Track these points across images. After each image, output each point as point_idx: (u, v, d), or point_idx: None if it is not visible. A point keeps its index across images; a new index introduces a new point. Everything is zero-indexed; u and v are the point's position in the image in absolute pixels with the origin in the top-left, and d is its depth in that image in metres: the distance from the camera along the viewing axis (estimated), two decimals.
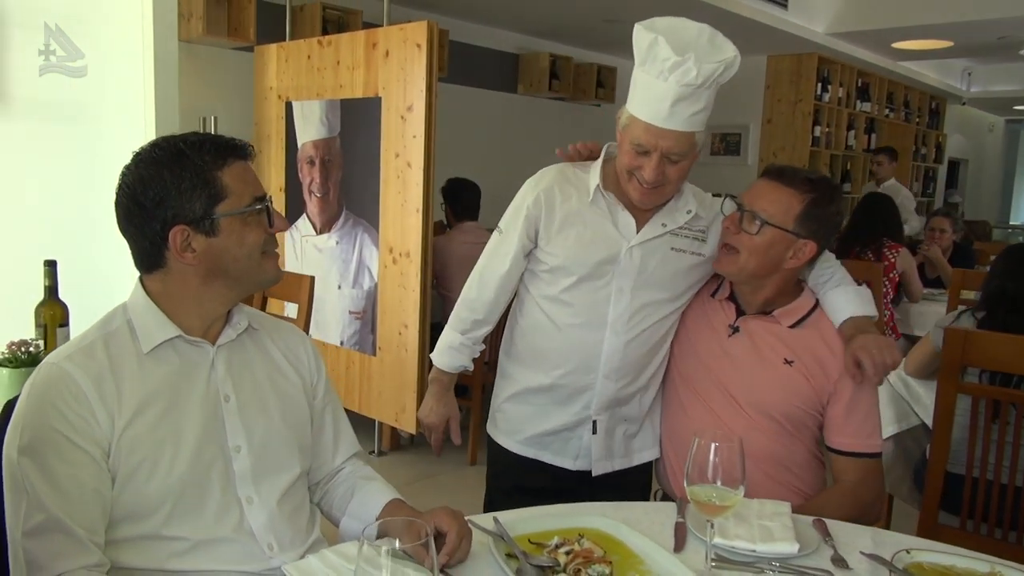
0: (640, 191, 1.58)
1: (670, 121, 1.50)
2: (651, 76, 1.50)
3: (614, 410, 1.70)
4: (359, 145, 3.75)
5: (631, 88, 1.57)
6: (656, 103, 1.50)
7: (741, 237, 1.62)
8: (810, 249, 1.63)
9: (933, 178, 9.47)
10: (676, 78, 1.46)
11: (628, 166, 1.57)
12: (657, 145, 1.52)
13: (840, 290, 1.70)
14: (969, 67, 9.07)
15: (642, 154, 1.54)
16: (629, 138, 1.55)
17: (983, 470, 2.18)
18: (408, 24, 3.49)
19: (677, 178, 1.58)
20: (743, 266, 1.63)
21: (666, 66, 1.47)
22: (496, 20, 5.98)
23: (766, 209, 1.60)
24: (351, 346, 3.87)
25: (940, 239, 4.89)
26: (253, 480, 1.24)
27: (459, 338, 1.78)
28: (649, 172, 1.53)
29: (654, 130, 1.51)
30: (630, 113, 1.56)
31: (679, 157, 1.54)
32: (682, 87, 1.47)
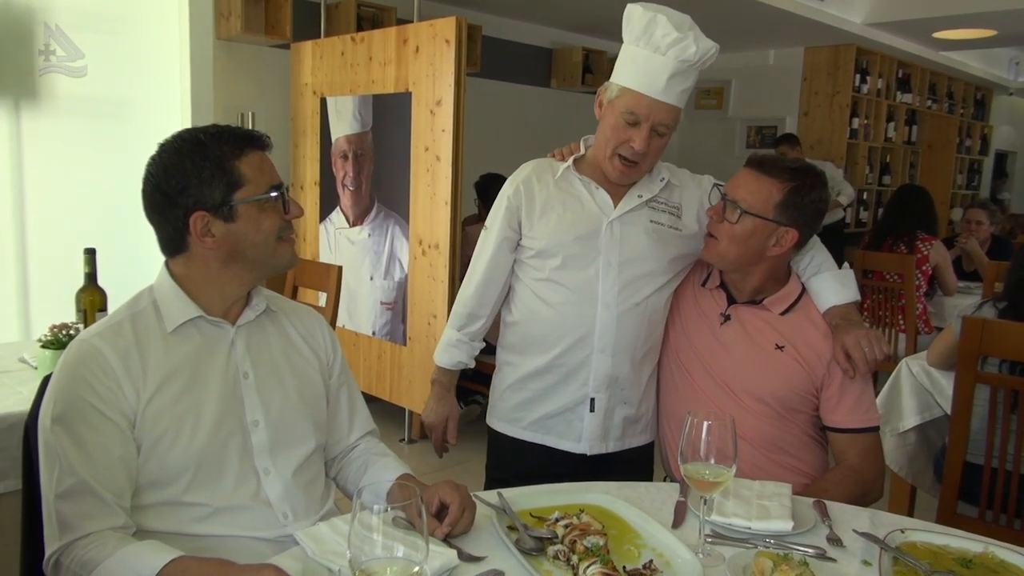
0: (621, 168, 1.65)
1: (666, 94, 1.59)
2: (648, 51, 1.59)
3: (612, 389, 1.74)
4: (390, 139, 3.83)
5: (620, 63, 1.66)
6: (654, 76, 1.58)
7: (722, 226, 1.67)
8: (792, 237, 1.66)
9: (978, 171, 9.25)
10: (675, 53, 1.57)
11: (614, 140, 1.63)
12: (650, 116, 1.60)
13: (823, 276, 1.74)
14: (1017, 56, 8.83)
15: (632, 125, 1.61)
16: (619, 110, 1.62)
17: (1002, 460, 2.17)
18: (437, 20, 3.55)
19: (655, 154, 1.66)
20: (724, 254, 1.67)
21: (665, 42, 1.56)
22: (529, 15, 6.02)
23: (746, 199, 1.65)
24: (383, 336, 3.96)
25: (977, 231, 4.81)
26: (270, 453, 1.32)
27: (456, 335, 1.84)
28: (639, 142, 1.60)
29: (649, 101, 1.59)
30: (621, 85, 1.62)
31: (666, 130, 1.63)
32: (679, 62, 1.57)
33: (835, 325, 1.68)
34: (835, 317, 1.69)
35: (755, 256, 1.68)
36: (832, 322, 1.69)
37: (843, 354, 1.62)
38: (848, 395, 1.68)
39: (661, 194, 1.75)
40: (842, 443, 1.69)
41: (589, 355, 1.72)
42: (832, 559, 1.27)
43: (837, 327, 1.67)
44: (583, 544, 1.21)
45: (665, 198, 1.75)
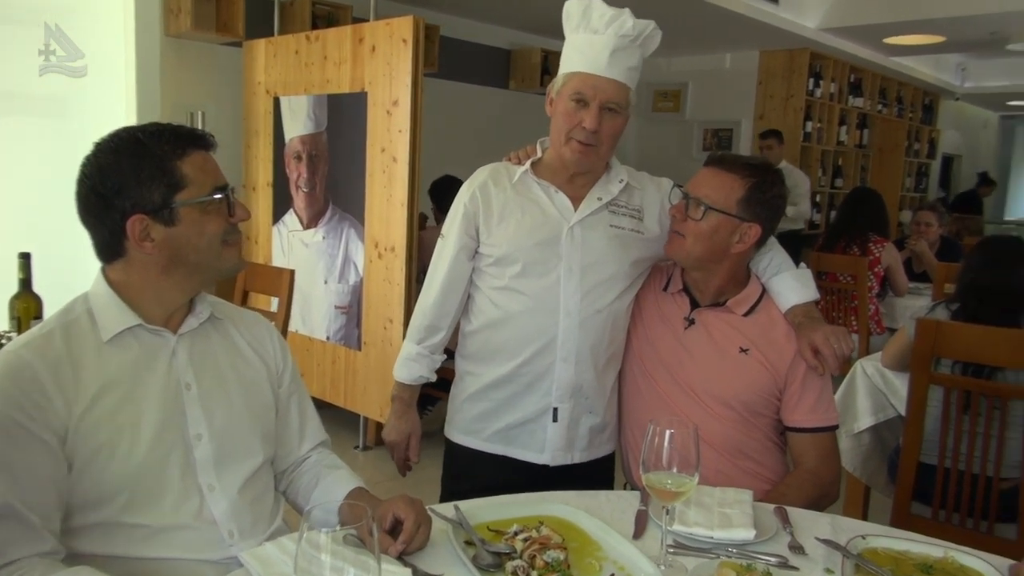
0: (579, 150, 1.63)
1: (610, 69, 1.61)
2: (588, 33, 1.62)
3: (576, 398, 1.71)
4: (345, 140, 3.76)
5: (565, 55, 1.68)
6: (595, 55, 1.61)
7: (687, 224, 1.66)
8: (755, 232, 1.66)
9: (926, 174, 9.47)
10: (613, 29, 1.60)
11: (568, 125, 1.63)
12: (596, 94, 1.60)
13: (783, 276, 1.75)
14: (963, 63, 9.07)
15: (582, 106, 1.61)
16: (567, 94, 1.63)
17: (955, 460, 2.20)
18: (394, 19, 3.50)
19: (610, 136, 1.64)
20: (689, 251, 1.66)
21: (603, 20, 1.60)
22: (488, 16, 5.99)
23: (709, 195, 1.65)
24: (337, 341, 3.88)
25: (926, 233, 4.90)
26: (215, 468, 1.26)
27: (415, 348, 1.78)
28: (590, 119, 1.60)
29: (594, 79, 1.60)
30: (567, 72, 1.64)
31: (617, 108, 1.62)
32: (619, 38, 1.60)
33: (798, 324, 1.67)
34: (798, 316, 1.69)
35: (719, 253, 1.67)
36: (795, 321, 1.68)
37: (811, 351, 1.62)
38: (809, 394, 1.67)
39: (621, 196, 1.72)
40: (802, 444, 1.69)
41: (552, 364, 1.69)
42: (795, 567, 1.25)
43: (801, 325, 1.66)
44: (543, 559, 1.17)
45: (625, 201, 1.73)
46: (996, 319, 2.23)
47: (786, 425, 1.71)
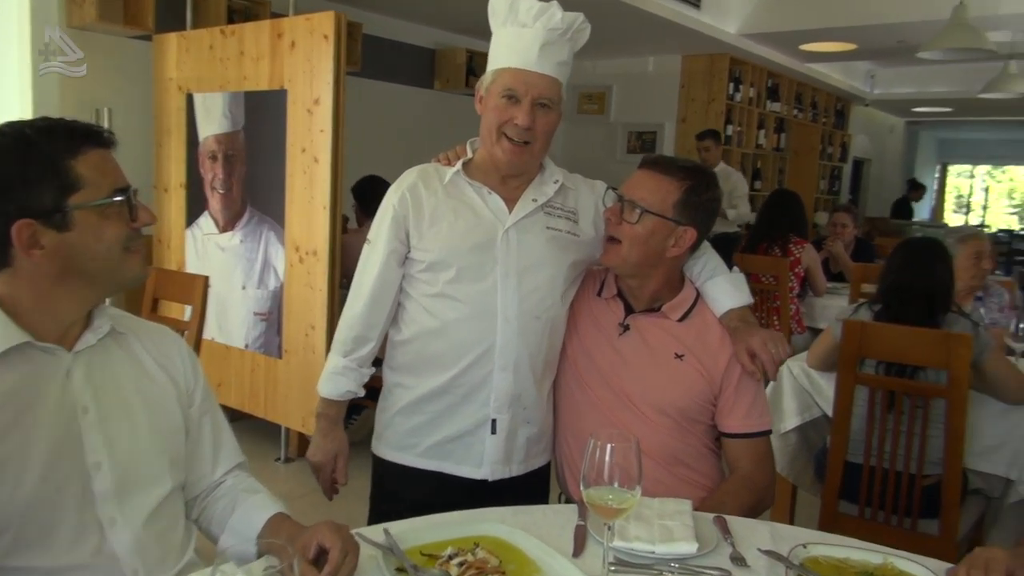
0: (511, 149, 1.57)
1: (540, 64, 1.55)
2: (515, 27, 1.57)
3: (515, 408, 1.64)
4: (264, 139, 3.60)
5: (493, 51, 1.62)
6: (525, 49, 1.55)
7: (623, 227, 1.62)
8: (690, 236, 1.64)
9: (839, 176, 9.82)
10: (542, 23, 1.54)
11: (498, 122, 1.57)
12: (528, 90, 1.55)
13: (717, 280, 1.72)
14: (872, 70, 9.43)
15: (513, 103, 1.56)
16: (497, 91, 1.57)
17: (880, 459, 2.23)
18: (315, 14, 3.37)
19: (544, 134, 1.59)
20: (626, 256, 1.62)
21: (531, 13, 1.55)
22: (412, 14, 5.88)
23: (645, 198, 1.61)
24: (256, 349, 3.72)
25: (842, 234, 5.04)
26: (116, 499, 1.14)
27: (342, 362, 1.68)
28: (523, 116, 1.54)
29: (525, 74, 1.55)
30: (496, 68, 1.59)
31: (549, 104, 1.57)
32: (548, 31, 1.55)
33: (734, 328, 1.65)
34: (733, 320, 1.67)
35: (655, 257, 1.64)
36: (730, 325, 1.66)
37: (747, 356, 1.60)
38: (743, 399, 1.66)
39: (556, 198, 1.67)
40: (737, 450, 1.67)
41: (490, 373, 1.61)
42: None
43: (736, 330, 1.64)
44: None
45: (560, 202, 1.68)
46: (917, 319, 2.27)
47: (721, 431, 1.69)
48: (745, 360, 1.60)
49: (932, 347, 2.09)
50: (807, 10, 6.10)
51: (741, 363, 1.61)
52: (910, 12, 5.67)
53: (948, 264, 2.36)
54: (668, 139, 7.23)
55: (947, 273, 2.34)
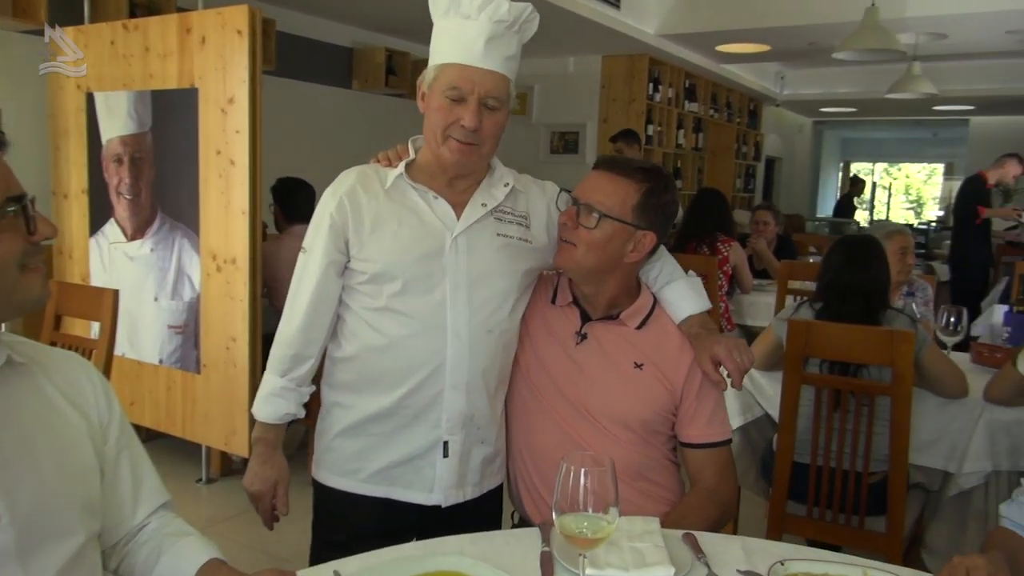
0: (458, 149, 1.46)
1: (486, 60, 1.43)
2: (459, 19, 1.44)
3: (468, 429, 1.53)
4: (174, 141, 3.38)
5: (433, 44, 1.50)
6: (469, 44, 1.43)
7: (579, 232, 1.53)
8: (649, 240, 1.57)
9: (753, 175, 10.07)
10: (487, 15, 1.43)
11: (444, 123, 1.45)
12: (474, 88, 1.43)
13: (675, 286, 1.66)
14: (782, 71, 9.71)
15: (458, 102, 1.44)
16: (440, 89, 1.45)
17: (826, 458, 2.22)
18: (227, 8, 3.17)
19: (492, 135, 1.48)
20: (581, 262, 1.54)
21: (475, 4, 1.43)
22: (328, 12, 5.68)
23: (603, 202, 1.53)
24: (172, 364, 3.49)
25: (765, 231, 5.12)
26: (19, 556, 0.98)
27: (279, 382, 1.53)
28: (469, 117, 1.42)
29: (470, 71, 1.43)
30: (439, 63, 1.46)
31: (496, 103, 1.46)
32: (494, 24, 1.43)
33: (695, 335, 1.58)
34: (693, 327, 1.60)
35: (613, 263, 1.56)
36: (691, 332, 1.59)
37: (712, 364, 1.53)
38: (704, 408, 1.60)
39: (506, 202, 1.56)
40: (700, 460, 1.60)
41: (440, 392, 1.50)
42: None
43: (698, 337, 1.57)
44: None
45: (511, 206, 1.57)
46: (858, 317, 2.28)
47: (681, 441, 1.62)
48: (709, 368, 1.53)
49: (876, 345, 2.09)
50: (723, 12, 6.20)
51: (705, 371, 1.54)
52: (821, 15, 5.83)
53: (884, 261, 2.38)
54: (590, 139, 7.24)
55: (884, 270, 2.36)
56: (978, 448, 2.27)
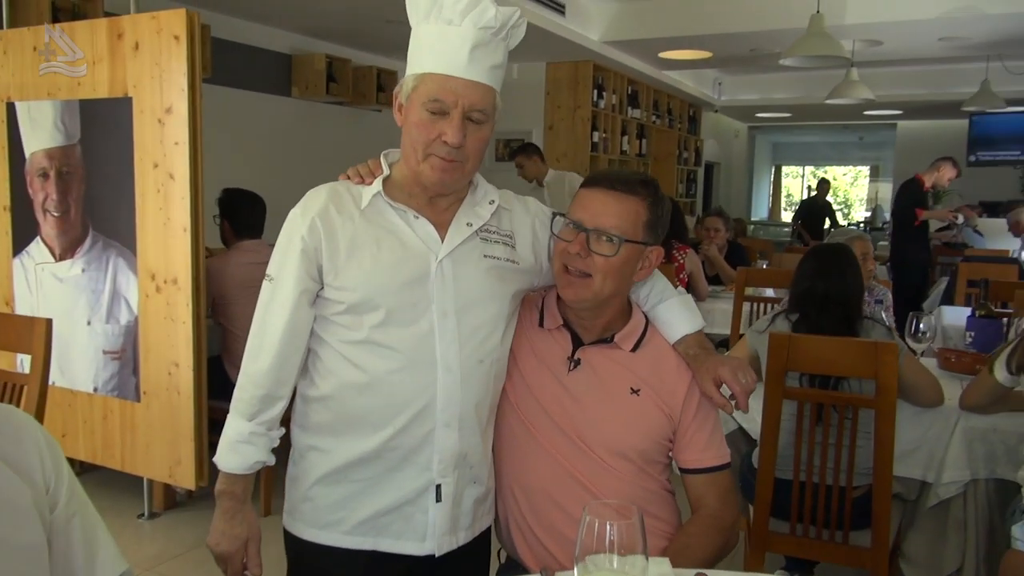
0: (440, 167, 1.34)
1: (471, 70, 1.31)
2: (441, 24, 1.32)
3: (461, 469, 1.41)
4: (106, 154, 3.16)
5: (413, 49, 1.36)
6: (453, 52, 1.30)
7: (593, 260, 1.42)
8: (657, 255, 1.49)
9: (694, 180, 10.18)
10: (472, 20, 1.30)
11: (424, 139, 1.33)
12: (458, 101, 1.31)
13: (669, 305, 1.56)
14: (719, 77, 9.86)
15: (440, 115, 1.31)
16: (420, 101, 1.32)
17: (809, 473, 2.17)
18: (162, 12, 2.98)
19: (476, 151, 1.36)
20: (599, 291, 1.43)
21: (458, 8, 1.30)
22: (265, 17, 5.48)
23: (618, 225, 1.42)
24: (108, 392, 3.26)
25: (715, 237, 5.13)
26: None
27: (247, 427, 1.38)
28: (452, 133, 1.30)
29: (454, 82, 1.30)
30: (419, 72, 1.33)
31: (482, 116, 1.33)
32: (479, 30, 1.31)
33: (693, 356, 1.49)
34: (691, 347, 1.51)
35: (625, 285, 1.47)
36: (688, 352, 1.50)
37: (715, 386, 1.43)
38: (702, 431, 1.51)
39: (491, 220, 1.45)
40: (700, 486, 1.51)
41: (431, 431, 1.37)
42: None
43: (697, 358, 1.49)
44: None
45: (496, 225, 1.46)
46: (836, 327, 2.24)
47: (681, 467, 1.53)
48: (712, 391, 1.44)
49: (860, 357, 2.05)
50: (667, 19, 6.22)
51: (708, 395, 1.45)
52: (764, 22, 5.90)
53: (858, 269, 2.35)
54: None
55: (858, 278, 2.33)
56: (956, 457, 2.26)
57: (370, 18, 5.30)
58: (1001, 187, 9.91)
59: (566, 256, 1.44)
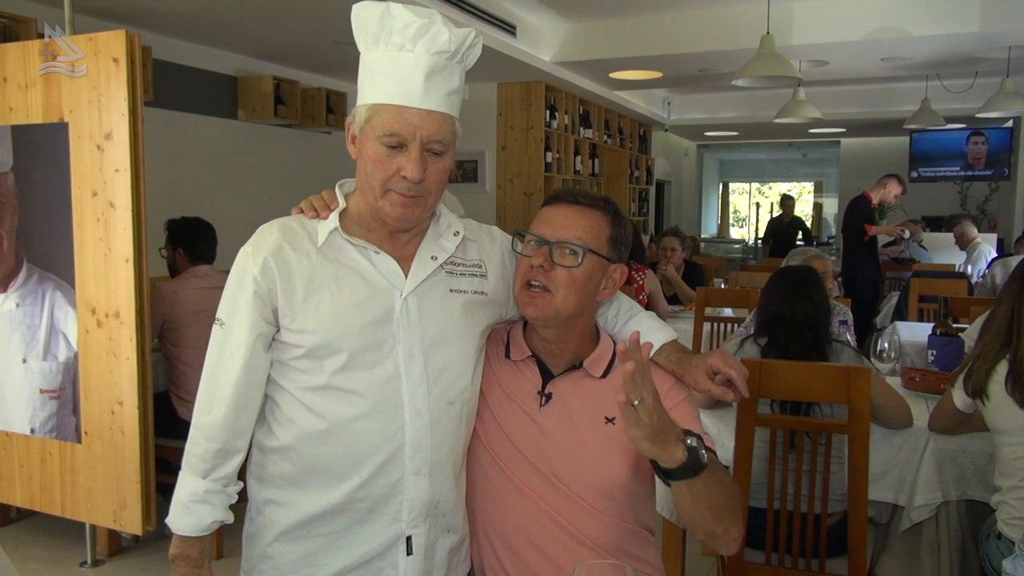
0: (400, 203, 1.26)
1: (427, 98, 1.23)
2: (392, 50, 1.24)
3: (433, 519, 1.32)
4: (41, 183, 3.01)
5: (363, 77, 1.28)
6: (406, 80, 1.23)
7: (556, 274, 1.36)
8: (620, 274, 1.44)
9: (646, 199, 10.24)
10: (425, 45, 1.23)
11: (382, 176, 1.24)
12: (416, 132, 1.23)
13: (640, 318, 1.50)
14: (668, 97, 9.97)
15: (396, 149, 1.23)
16: (375, 134, 1.24)
17: (783, 501, 2.13)
18: (99, 34, 2.85)
19: (437, 184, 1.29)
20: (561, 307, 1.37)
21: (409, 33, 1.22)
22: (210, 38, 5.33)
23: (581, 237, 1.37)
24: (46, 434, 3.07)
25: (672, 257, 5.13)
26: None
27: (202, 484, 1.28)
28: (412, 168, 1.22)
29: (410, 113, 1.22)
30: (372, 103, 1.25)
31: (442, 147, 1.26)
32: (433, 55, 1.23)
33: (677, 360, 1.43)
34: (672, 354, 1.44)
35: (587, 304, 1.41)
36: (671, 359, 1.44)
37: (708, 378, 1.35)
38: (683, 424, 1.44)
39: (457, 252, 1.38)
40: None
41: (400, 480, 1.28)
42: None
43: (681, 361, 1.42)
44: None
45: (462, 257, 1.39)
46: (805, 351, 2.22)
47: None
48: (708, 384, 1.34)
49: (832, 383, 2.02)
50: (618, 40, 6.25)
51: (704, 388, 1.35)
52: (713, 43, 5.96)
53: (824, 291, 2.34)
54: (490, 167, 7.14)
55: (825, 301, 2.32)
56: (927, 479, 2.24)
57: (318, 40, 5.19)
58: (941, 202, 10.22)
59: (528, 271, 1.38)
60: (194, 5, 4.47)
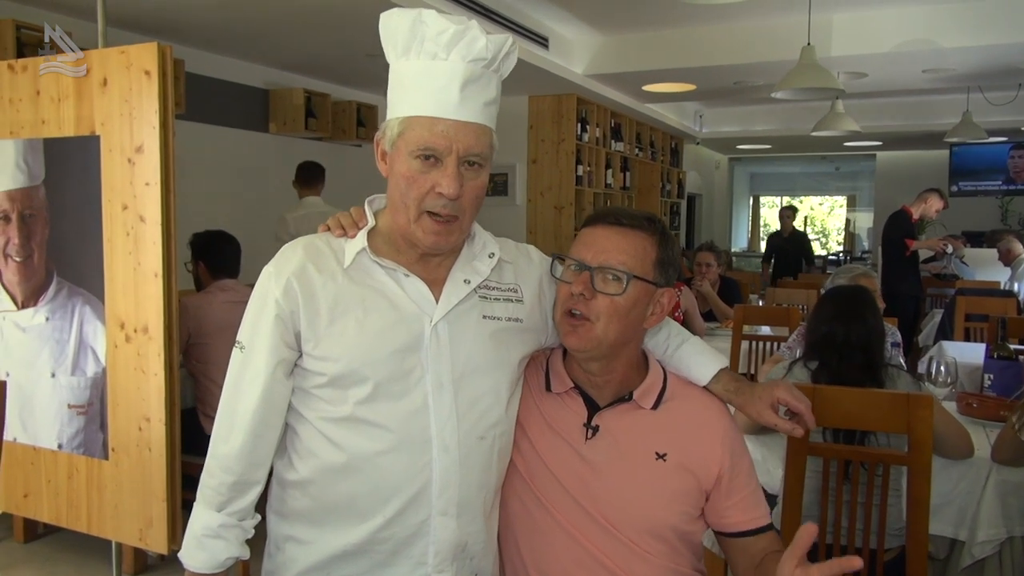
0: (434, 230, 1.18)
1: (464, 109, 1.16)
2: (424, 60, 1.16)
3: (461, 561, 1.24)
4: (72, 196, 2.98)
5: (394, 89, 1.21)
6: (440, 90, 1.15)
7: (597, 302, 1.27)
8: (669, 299, 1.35)
9: (678, 212, 10.12)
10: (460, 52, 1.15)
11: (416, 193, 1.16)
12: (452, 145, 1.15)
13: (692, 343, 1.42)
14: (700, 110, 9.85)
15: (431, 163, 1.16)
16: (408, 149, 1.16)
17: (836, 535, 2.01)
18: (131, 47, 2.83)
19: (474, 200, 1.21)
20: (602, 337, 1.28)
21: (443, 40, 1.14)
22: (241, 51, 5.34)
23: (625, 262, 1.28)
24: (74, 449, 3.03)
25: (708, 273, 5.01)
26: None
27: (217, 518, 1.21)
28: (449, 183, 1.15)
29: (445, 124, 1.15)
30: (404, 116, 1.17)
31: (479, 160, 1.18)
32: (469, 63, 1.16)
33: (735, 390, 1.34)
34: (729, 383, 1.35)
35: (632, 332, 1.32)
36: (728, 388, 1.35)
37: (772, 411, 1.27)
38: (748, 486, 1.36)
39: (492, 276, 1.29)
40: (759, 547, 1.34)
41: (426, 520, 1.20)
42: None
43: (740, 391, 1.33)
44: None
45: (497, 280, 1.30)
46: (859, 376, 2.10)
47: (727, 532, 1.37)
48: (773, 418, 1.27)
49: (891, 411, 1.90)
50: (651, 52, 6.17)
51: (769, 422, 1.28)
52: (748, 55, 5.86)
53: (877, 311, 2.22)
54: (520, 180, 7.07)
55: (879, 321, 2.20)
56: (990, 513, 2.11)
57: (349, 52, 5.17)
58: (981, 217, 9.96)
59: (568, 300, 1.29)
60: (226, 18, 4.47)
